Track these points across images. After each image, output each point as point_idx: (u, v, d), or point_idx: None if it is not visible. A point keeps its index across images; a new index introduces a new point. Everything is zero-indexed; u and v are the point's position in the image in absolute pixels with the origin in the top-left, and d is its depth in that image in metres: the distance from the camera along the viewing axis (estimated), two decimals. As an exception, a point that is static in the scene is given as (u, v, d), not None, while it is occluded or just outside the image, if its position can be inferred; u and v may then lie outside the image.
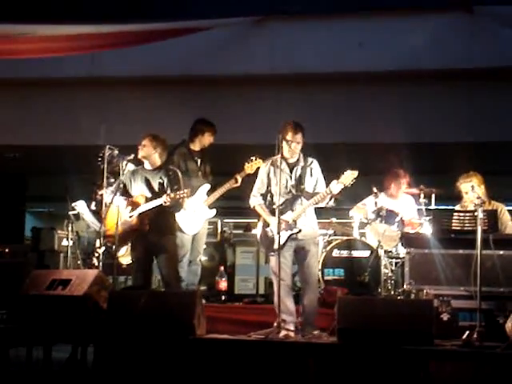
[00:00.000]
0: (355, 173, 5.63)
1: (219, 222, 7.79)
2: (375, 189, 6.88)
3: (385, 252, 6.72)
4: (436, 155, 9.18)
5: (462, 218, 5.63)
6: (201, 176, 6.81)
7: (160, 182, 6.14)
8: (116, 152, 6.50)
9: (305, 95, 8.62)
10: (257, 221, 6.02)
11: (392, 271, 6.75)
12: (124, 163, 6.27)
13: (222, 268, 7.32)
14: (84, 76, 8.69)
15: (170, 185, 6.08)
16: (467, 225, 5.60)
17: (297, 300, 5.99)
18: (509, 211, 6.33)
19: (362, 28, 8.50)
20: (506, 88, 8.34)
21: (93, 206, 6.90)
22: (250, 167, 6.66)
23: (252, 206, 5.94)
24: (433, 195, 7.01)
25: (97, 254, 6.31)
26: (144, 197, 6.12)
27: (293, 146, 5.76)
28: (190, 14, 8.68)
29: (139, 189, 6.20)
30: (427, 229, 6.48)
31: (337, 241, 7.08)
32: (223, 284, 7.15)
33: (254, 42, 8.54)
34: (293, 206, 5.78)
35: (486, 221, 5.30)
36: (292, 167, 5.85)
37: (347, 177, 5.61)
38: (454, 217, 5.71)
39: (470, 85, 8.43)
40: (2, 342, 5.55)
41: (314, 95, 8.64)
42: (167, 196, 5.88)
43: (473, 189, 5.89)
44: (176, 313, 5.18)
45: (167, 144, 6.36)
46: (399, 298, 6.27)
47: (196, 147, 6.87)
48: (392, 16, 8.46)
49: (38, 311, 5.48)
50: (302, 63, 8.44)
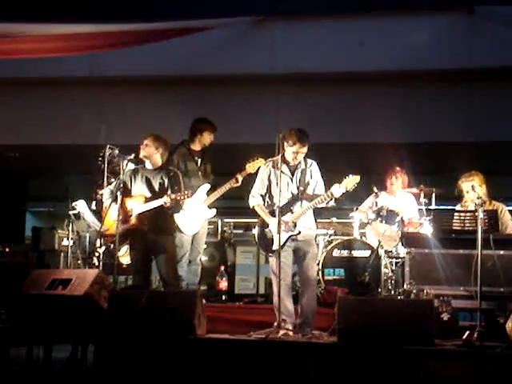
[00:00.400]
0: (357, 178, 5.62)
1: (219, 222, 7.79)
2: (375, 188, 6.89)
3: (385, 252, 6.72)
4: (436, 155, 9.18)
5: (463, 218, 5.63)
6: (201, 176, 6.80)
7: (160, 183, 6.12)
8: (116, 152, 6.51)
9: (305, 95, 8.62)
10: (257, 221, 6.02)
11: (392, 271, 6.74)
12: (124, 163, 6.26)
13: (223, 268, 7.32)
14: (84, 76, 8.70)
15: (171, 185, 6.06)
16: (468, 225, 5.60)
17: (296, 300, 5.99)
18: (509, 211, 6.33)
19: (362, 28, 8.51)
20: (506, 88, 8.35)
21: (93, 206, 6.92)
22: (252, 166, 6.60)
23: (251, 207, 5.94)
24: (433, 195, 7.01)
25: (97, 254, 6.32)
26: (143, 197, 6.11)
27: (298, 157, 5.77)
28: (190, 14, 8.68)
29: (139, 188, 6.18)
30: (427, 229, 6.47)
31: (337, 241, 7.08)
32: (223, 284, 7.15)
33: (255, 42, 8.55)
34: (292, 208, 5.79)
35: (487, 221, 5.30)
36: (293, 170, 5.86)
37: (349, 181, 5.61)
38: (455, 217, 5.70)
39: (470, 85, 8.43)
40: (3, 342, 5.54)
41: (314, 95, 8.64)
42: (168, 197, 5.87)
43: (473, 188, 5.89)
44: (176, 312, 5.18)
45: (169, 144, 6.36)
46: (399, 298, 6.26)
47: (196, 147, 6.86)
48: (392, 16, 8.47)
49: (39, 311, 5.46)
50: (302, 63, 8.45)
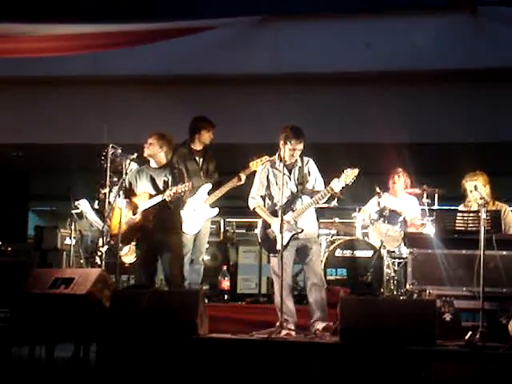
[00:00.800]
0: (356, 171, 5.64)
1: (222, 222, 7.78)
2: (378, 189, 6.88)
3: (387, 252, 6.71)
4: (438, 155, 9.18)
5: (466, 219, 5.61)
6: (202, 175, 6.80)
7: (165, 180, 6.13)
8: (119, 151, 6.50)
9: (307, 95, 8.63)
10: (259, 221, 6.02)
11: (395, 271, 6.74)
12: (127, 162, 6.26)
13: (225, 267, 7.31)
14: (87, 75, 8.71)
15: (175, 182, 6.06)
16: (470, 225, 5.58)
17: (299, 300, 5.98)
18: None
19: (365, 28, 8.52)
20: (509, 88, 8.35)
21: (96, 205, 6.92)
22: (256, 164, 6.58)
23: (252, 208, 5.93)
24: (436, 195, 7.00)
25: (100, 253, 6.31)
26: (148, 194, 6.12)
27: (295, 154, 5.77)
28: (193, 14, 8.70)
29: (144, 187, 6.20)
30: (430, 229, 6.47)
31: (339, 241, 7.08)
32: (226, 283, 7.14)
33: (257, 42, 8.56)
34: (293, 206, 5.78)
35: (490, 221, 5.30)
36: (290, 168, 5.85)
37: (348, 175, 5.62)
38: (458, 217, 5.68)
39: (473, 85, 8.43)
40: (5, 341, 5.53)
41: (317, 95, 8.65)
42: (169, 191, 5.89)
43: (476, 188, 5.88)
44: (179, 312, 5.17)
45: (173, 143, 6.37)
46: (402, 298, 6.26)
47: (197, 146, 6.86)
48: (395, 16, 8.48)
49: (41, 310, 5.46)
50: (305, 63, 8.45)
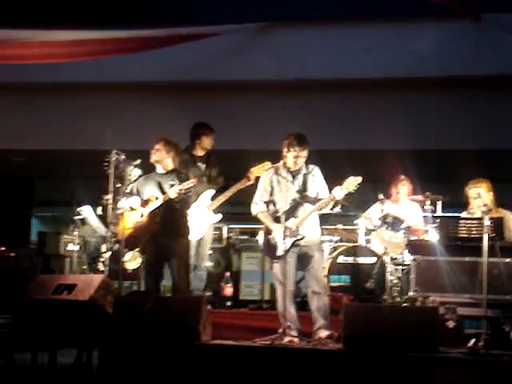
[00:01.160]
0: (358, 179, 5.63)
1: (225, 228, 7.77)
2: (381, 195, 6.88)
3: (390, 259, 6.69)
4: (441, 162, 9.18)
5: (469, 225, 5.62)
6: (205, 181, 6.81)
7: (172, 185, 6.15)
8: (123, 157, 6.50)
9: (310, 101, 8.63)
10: (262, 227, 6.02)
11: (398, 278, 6.70)
12: (130, 168, 6.27)
13: (228, 274, 7.30)
14: (90, 81, 8.73)
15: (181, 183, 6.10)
16: (474, 232, 5.58)
17: (301, 306, 5.97)
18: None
19: (368, 35, 8.53)
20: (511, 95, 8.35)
21: (99, 211, 6.92)
22: (257, 170, 6.56)
23: (255, 214, 5.93)
24: (439, 202, 6.99)
25: (102, 259, 6.32)
26: (155, 197, 6.18)
27: (299, 161, 5.77)
28: (196, 21, 8.72)
29: (151, 193, 6.26)
30: (433, 236, 6.46)
31: (342, 247, 7.05)
32: (228, 290, 7.12)
33: (260, 49, 8.57)
34: (296, 213, 5.77)
35: (493, 228, 5.28)
36: (294, 175, 5.85)
37: (350, 183, 5.62)
38: (461, 224, 5.69)
39: (476, 92, 8.43)
40: (8, 347, 5.55)
41: (320, 101, 8.65)
42: (176, 187, 5.93)
43: (479, 195, 5.88)
44: (181, 318, 5.17)
45: (180, 148, 6.39)
46: (405, 305, 6.24)
47: (198, 152, 6.88)
48: (397, 23, 8.48)
49: (44, 316, 5.47)
50: (308, 69, 8.46)
